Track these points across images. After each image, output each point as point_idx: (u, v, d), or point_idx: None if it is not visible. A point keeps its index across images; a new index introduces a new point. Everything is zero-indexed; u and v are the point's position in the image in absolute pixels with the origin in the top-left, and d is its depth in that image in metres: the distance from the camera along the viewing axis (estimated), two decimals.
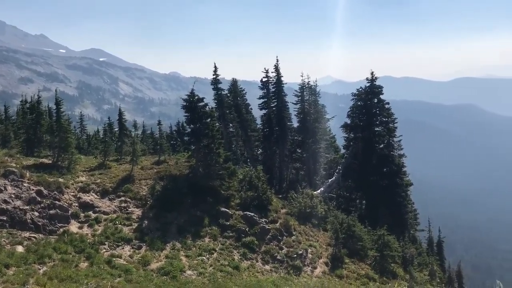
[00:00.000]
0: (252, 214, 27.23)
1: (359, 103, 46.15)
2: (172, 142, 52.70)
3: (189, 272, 20.71)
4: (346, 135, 48.11)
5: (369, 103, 45.25)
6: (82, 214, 24.12)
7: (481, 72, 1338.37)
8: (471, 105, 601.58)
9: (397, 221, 41.34)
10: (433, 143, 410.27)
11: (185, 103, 28.21)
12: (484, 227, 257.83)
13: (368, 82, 45.30)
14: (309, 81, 46.02)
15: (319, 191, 40.35)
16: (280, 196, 37.46)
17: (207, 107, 29.31)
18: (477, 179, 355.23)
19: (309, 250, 27.25)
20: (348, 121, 47.61)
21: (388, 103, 45.99)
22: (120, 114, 35.36)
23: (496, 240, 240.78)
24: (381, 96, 45.68)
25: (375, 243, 29.91)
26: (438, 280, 34.10)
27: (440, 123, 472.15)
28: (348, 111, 47.74)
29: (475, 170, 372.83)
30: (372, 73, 44.96)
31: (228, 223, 26.03)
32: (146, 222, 24.62)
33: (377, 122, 45.68)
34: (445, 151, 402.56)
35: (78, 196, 25.60)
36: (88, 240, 21.60)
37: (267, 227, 27.05)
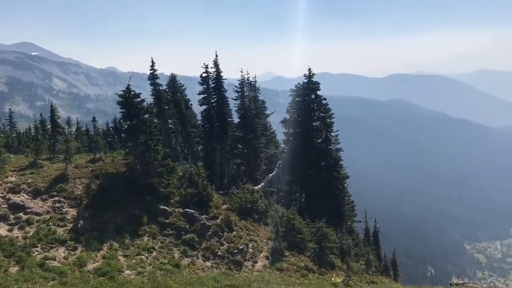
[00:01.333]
0: (192, 211, 26.98)
1: (297, 99, 46.92)
2: (109, 139, 51.02)
3: (127, 272, 20.18)
4: (286, 130, 48.81)
5: (307, 98, 46.12)
6: (11, 216, 22.77)
7: (413, 68, 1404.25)
8: (403, 100, 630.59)
9: (335, 213, 42.54)
10: (369, 137, 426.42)
11: (120, 99, 27.35)
12: (416, 218, 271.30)
13: (305, 78, 46.13)
14: (248, 77, 46.28)
15: (259, 186, 40.71)
16: (221, 192, 37.40)
17: (144, 102, 28.59)
18: (410, 171, 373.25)
19: (250, 245, 27.41)
20: (287, 117, 48.31)
21: (325, 99, 47.08)
22: (52, 110, 33.79)
23: (427, 230, 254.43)
24: (319, 92, 46.68)
25: (314, 235, 30.58)
26: (374, 269, 35.40)
27: (375, 118, 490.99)
28: (287, 107, 48.44)
29: (408, 162, 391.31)
30: (309, 70, 45.81)
31: (168, 221, 25.61)
32: (81, 222, 23.69)
33: (315, 117, 46.66)
34: (380, 145, 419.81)
35: (7, 197, 24.18)
36: (19, 243, 20.43)
37: (208, 223, 26.92)
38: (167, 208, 26.51)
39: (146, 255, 22.21)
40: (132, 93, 27.35)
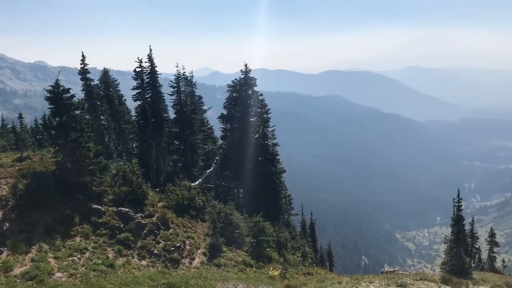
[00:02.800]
0: (127, 209, 26.32)
1: (234, 94, 47.04)
2: (38, 136, 48.53)
3: (58, 274, 19.33)
4: (223, 126, 48.80)
5: (244, 94, 46.35)
6: None
7: (346, 65, 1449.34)
8: (337, 96, 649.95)
9: (272, 207, 43.18)
10: (305, 132, 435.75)
11: (49, 95, 26.06)
12: (351, 209, 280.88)
13: (242, 74, 46.29)
14: (184, 72, 45.65)
15: (197, 182, 40.39)
16: (157, 189, 36.78)
17: (75, 98, 27.44)
18: (344, 165, 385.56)
19: (187, 242, 27.19)
20: (225, 112, 48.29)
21: (261, 95, 47.56)
22: None
23: (360, 220, 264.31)
24: (255, 88, 47.05)
25: (252, 229, 30.86)
26: (310, 261, 36.36)
27: (311, 113, 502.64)
28: (224, 102, 48.43)
29: (343, 156, 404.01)
30: (245, 66, 46.00)
31: (101, 220, 24.81)
32: (7, 224, 22.36)
33: (252, 113, 47.00)
34: (316, 140, 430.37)
35: None
36: None
37: (143, 221, 26.38)
38: (100, 207, 25.67)
39: (79, 256, 21.39)
40: (62, 88, 26.13)
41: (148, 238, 25.65)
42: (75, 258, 21.07)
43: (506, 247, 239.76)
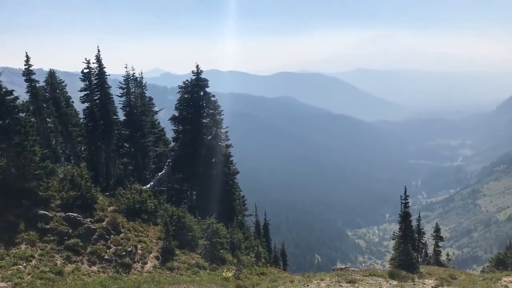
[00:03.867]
0: (76, 214, 25.55)
1: (186, 95, 46.64)
2: None
3: (2, 284, 18.49)
4: (175, 128, 48.29)
5: (196, 95, 46.09)
6: None
7: (297, 67, 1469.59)
8: (289, 97, 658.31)
9: (226, 208, 43.20)
10: (258, 133, 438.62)
11: None
12: (304, 208, 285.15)
13: (194, 75, 46.01)
14: (134, 73, 44.79)
15: (148, 185, 39.78)
16: (107, 193, 35.93)
17: (19, 100, 26.36)
18: (298, 165, 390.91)
19: (139, 246, 26.74)
20: (176, 114, 47.81)
21: (213, 96, 47.44)
22: None
23: (314, 218, 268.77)
24: (208, 89, 46.86)
25: (205, 232, 30.74)
26: (264, 261, 36.63)
27: (264, 114, 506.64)
28: (176, 104, 47.93)
29: (296, 156, 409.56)
30: (197, 67, 45.74)
31: (48, 226, 23.94)
32: None
33: (204, 114, 46.80)
34: (269, 140, 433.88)
35: None
36: None
37: (93, 226, 25.69)
38: (47, 212, 24.77)
39: (24, 264, 20.55)
40: (4, 90, 25.06)
41: (98, 244, 25.01)
42: (20, 266, 20.24)
43: (450, 241, 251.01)
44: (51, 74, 46.39)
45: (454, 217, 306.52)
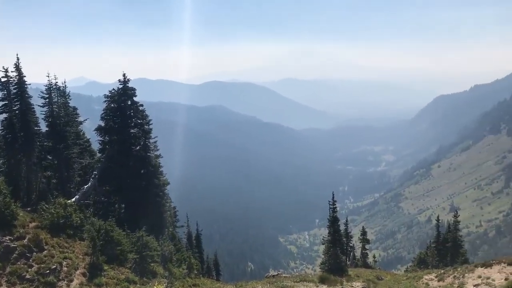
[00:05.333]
0: None
1: (112, 105, 45.15)
2: None
3: None
4: (102, 138, 46.56)
5: (123, 105, 44.75)
6: None
7: (228, 76, 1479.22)
8: (220, 106, 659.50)
9: (156, 220, 42.24)
10: (189, 142, 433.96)
11: None
12: (237, 216, 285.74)
13: (120, 84, 44.75)
14: (57, 82, 42.75)
15: (74, 199, 38.01)
16: (29, 209, 33.90)
17: None
18: (230, 173, 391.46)
19: (64, 263, 25.44)
20: (103, 124, 46.17)
21: (142, 105, 46.33)
22: None
23: (246, 227, 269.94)
24: (135, 98, 45.68)
25: (135, 245, 29.88)
26: (196, 272, 36.23)
27: (194, 123, 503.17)
28: (102, 113, 46.28)
29: (228, 165, 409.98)
30: (124, 75, 44.52)
31: None
32: None
33: (132, 124, 45.54)
34: (201, 150, 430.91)
35: None
36: None
37: (12, 245, 24.11)
38: None
39: None
40: None
41: (19, 263, 23.50)
42: None
43: (376, 244, 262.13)
44: None
45: (379, 220, 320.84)
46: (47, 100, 42.02)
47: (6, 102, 38.99)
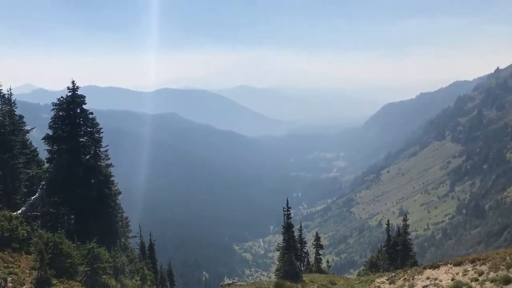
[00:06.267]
0: None
1: (61, 113, 43.72)
2: None
3: None
4: (50, 148, 44.97)
5: (72, 113, 43.46)
6: None
7: (181, 83, 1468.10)
8: (174, 114, 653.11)
9: (108, 231, 41.17)
10: (141, 150, 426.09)
11: None
12: (191, 225, 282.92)
13: (69, 92, 43.47)
14: (1, 89, 41.03)
15: (20, 211, 36.43)
16: None
17: None
18: (184, 182, 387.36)
19: (9, 279, 24.26)
20: (51, 133, 44.64)
21: (92, 113, 45.15)
22: None
23: (201, 236, 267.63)
24: (85, 106, 44.47)
25: (85, 257, 28.94)
26: (150, 283, 35.54)
27: (146, 131, 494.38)
28: (50, 122, 44.75)
29: (182, 173, 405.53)
30: (73, 82, 43.27)
31: None
32: None
33: (82, 133, 44.28)
34: (153, 158, 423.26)
35: None
36: None
37: None
38: None
39: None
40: None
41: None
42: None
43: (329, 249, 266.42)
44: None
45: (332, 225, 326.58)
46: None
47: None
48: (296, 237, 51.22)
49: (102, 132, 45.47)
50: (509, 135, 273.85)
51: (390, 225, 57.01)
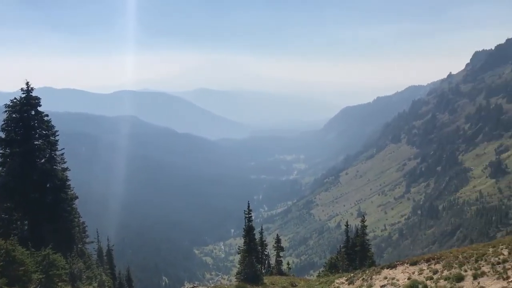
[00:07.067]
0: None
1: (14, 115, 42.18)
2: None
3: None
4: (2, 151, 43.31)
5: (26, 115, 42.01)
6: None
7: (140, 85, 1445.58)
8: (132, 116, 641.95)
9: (64, 237, 39.97)
10: (99, 154, 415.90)
11: None
12: (150, 230, 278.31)
13: (23, 93, 42.01)
14: None
15: None
16: None
17: None
18: (142, 185, 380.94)
19: None
20: (3, 136, 42.99)
21: (47, 115, 43.82)
22: None
23: (160, 240, 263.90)
24: (40, 108, 43.09)
25: (40, 264, 28.00)
26: None
27: (104, 134, 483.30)
28: (2, 125, 43.08)
29: (140, 177, 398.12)
30: (27, 84, 41.84)
31: None
32: None
33: (36, 136, 42.87)
34: (112, 162, 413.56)
35: None
36: None
37: None
38: None
39: None
40: None
41: None
42: None
43: (290, 250, 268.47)
44: None
45: (293, 227, 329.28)
46: None
47: None
48: (257, 239, 51.37)
49: (58, 135, 44.18)
50: (461, 137, 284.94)
51: (348, 226, 58.16)
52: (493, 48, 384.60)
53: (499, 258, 21.71)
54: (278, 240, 62.83)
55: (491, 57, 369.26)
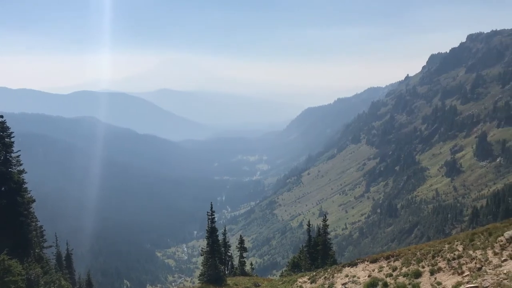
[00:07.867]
0: None
1: None
2: None
3: None
4: None
5: None
6: None
7: (99, 86, 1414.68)
8: (91, 117, 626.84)
9: (21, 242, 38.71)
10: (57, 156, 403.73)
11: None
12: (111, 233, 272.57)
13: None
14: None
15: None
16: None
17: None
18: (102, 188, 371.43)
19: None
20: None
21: (2, 116, 42.37)
22: None
23: (121, 243, 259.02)
24: None
25: None
26: None
27: (62, 135, 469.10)
28: None
29: (100, 179, 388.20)
30: None
31: None
32: None
33: None
34: (70, 164, 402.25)
35: None
36: None
37: None
38: None
39: None
40: None
41: None
42: None
43: (253, 251, 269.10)
44: None
45: (256, 227, 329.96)
46: None
47: None
48: (220, 241, 51.36)
49: (14, 137, 42.78)
50: (418, 138, 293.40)
51: (310, 226, 58.89)
52: (448, 51, 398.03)
53: (454, 254, 22.56)
54: (241, 241, 63.00)
55: (446, 60, 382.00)
